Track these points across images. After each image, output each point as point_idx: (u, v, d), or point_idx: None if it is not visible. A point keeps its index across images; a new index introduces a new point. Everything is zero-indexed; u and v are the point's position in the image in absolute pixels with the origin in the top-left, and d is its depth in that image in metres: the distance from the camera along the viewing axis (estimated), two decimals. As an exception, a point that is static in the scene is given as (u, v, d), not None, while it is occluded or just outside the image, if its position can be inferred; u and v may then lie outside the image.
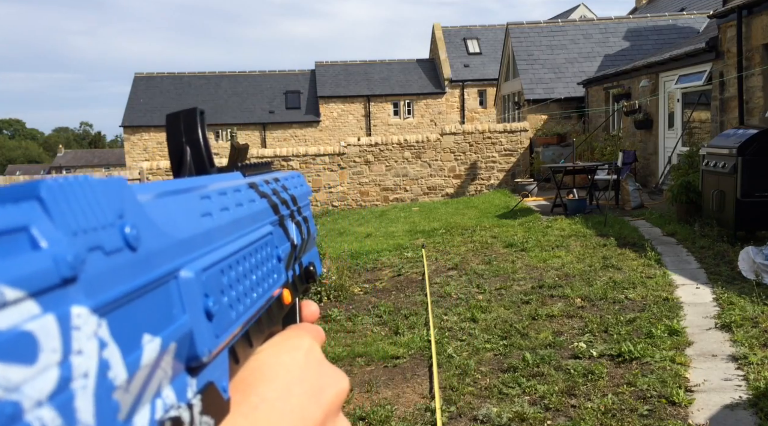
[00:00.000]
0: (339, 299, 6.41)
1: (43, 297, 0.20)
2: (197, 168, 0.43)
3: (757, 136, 7.08)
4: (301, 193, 0.55)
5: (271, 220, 0.45)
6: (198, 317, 0.29)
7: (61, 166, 57.60)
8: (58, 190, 0.23)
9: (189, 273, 0.29)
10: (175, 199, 0.32)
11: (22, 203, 0.21)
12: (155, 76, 32.91)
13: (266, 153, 14.73)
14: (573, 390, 3.96)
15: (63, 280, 0.21)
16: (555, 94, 17.63)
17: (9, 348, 0.18)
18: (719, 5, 10.96)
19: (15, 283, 0.19)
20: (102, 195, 0.25)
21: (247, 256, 0.37)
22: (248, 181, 0.44)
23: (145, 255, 0.26)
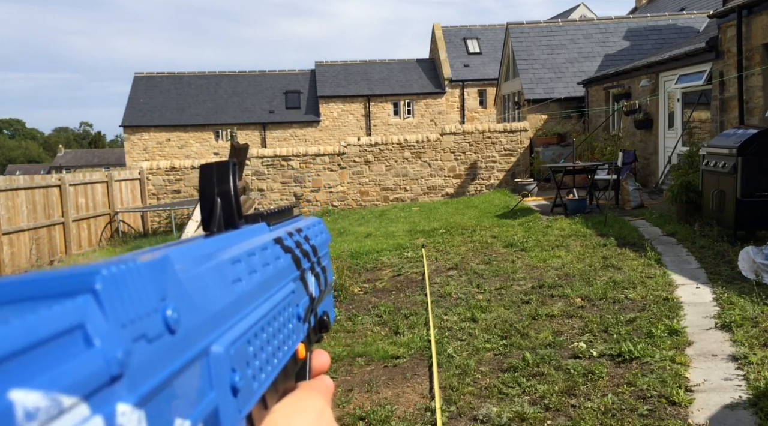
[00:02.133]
0: (339, 299, 6.42)
1: (93, 398, 0.20)
2: (227, 220, 0.43)
3: (757, 136, 7.08)
4: (321, 242, 0.54)
5: (293, 277, 0.44)
6: (224, 394, 0.29)
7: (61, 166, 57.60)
8: (111, 282, 0.22)
9: (219, 348, 0.29)
10: (208, 268, 0.31)
11: (77, 298, 0.21)
12: (155, 75, 32.90)
13: (266, 153, 14.73)
14: (573, 390, 3.96)
15: (111, 379, 0.21)
16: (555, 94, 17.63)
17: None
18: (719, 5, 10.96)
19: (71, 390, 0.19)
20: (148, 279, 0.24)
21: (271, 321, 0.37)
22: (274, 236, 0.44)
23: (183, 336, 0.26)
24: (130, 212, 14.13)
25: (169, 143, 30.43)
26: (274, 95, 32.24)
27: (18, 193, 10.63)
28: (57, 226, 11.71)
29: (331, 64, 33.24)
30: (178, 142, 30.46)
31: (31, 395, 0.17)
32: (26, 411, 0.17)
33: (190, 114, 30.83)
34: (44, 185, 11.41)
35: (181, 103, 31.46)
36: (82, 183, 12.63)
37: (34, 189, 11.09)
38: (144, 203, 14.48)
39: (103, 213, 13.36)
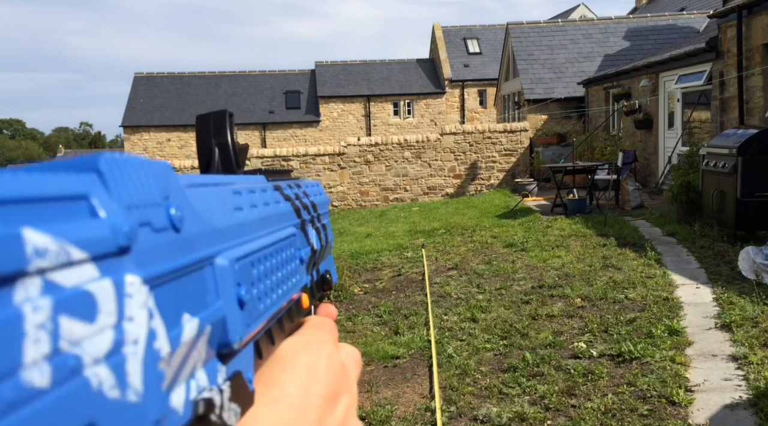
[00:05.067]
0: (339, 299, 6.41)
1: (102, 262, 0.21)
2: (225, 169, 0.44)
3: (757, 136, 7.08)
4: (320, 201, 0.56)
5: (294, 223, 0.46)
6: (231, 304, 0.30)
7: (61, 166, 57.58)
8: (115, 165, 0.24)
9: (224, 260, 0.30)
10: (210, 191, 0.33)
11: (82, 174, 0.22)
12: (155, 76, 32.90)
13: (266, 153, 14.73)
14: (573, 390, 3.96)
15: (119, 249, 0.22)
16: (555, 94, 17.63)
17: (74, 304, 0.19)
18: (719, 5, 10.96)
19: (79, 244, 0.20)
20: (151, 175, 0.26)
21: (274, 253, 0.38)
22: (273, 184, 0.45)
23: (186, 237, 0.27)
24: (130, 212, 14.10)
25: (169, 143, 30.44)
26: (274, 95, 32.25)
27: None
28: (57, 226, 11.71)
29: (331, 64, 33.25)
30: (178, 142, 30.46)
31: (40, 236, 0.18)
32: (36, 248, 0.18)
33: (190, 114, 30.82)
34: (44, 185, 11.41)
35: (181, 103, 31.46)
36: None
37: (34, 189, 11.09)
38: (144, 203, 14.47)
39: (103, 213, 13.35)
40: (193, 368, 0.27)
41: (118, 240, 0.22)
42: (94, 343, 0.20)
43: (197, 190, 0.31)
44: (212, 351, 0.29)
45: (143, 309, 0.23)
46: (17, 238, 0.18)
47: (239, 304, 0.31)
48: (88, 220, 0.21)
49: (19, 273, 0.18)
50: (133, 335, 0.22)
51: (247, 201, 0.37)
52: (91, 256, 0.20)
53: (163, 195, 0.26)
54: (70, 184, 0.21)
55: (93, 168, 0.23)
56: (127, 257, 0.22)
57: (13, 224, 0.18)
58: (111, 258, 0.21)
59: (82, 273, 0.20)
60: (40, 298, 0.18)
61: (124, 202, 0.23)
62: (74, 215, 0.21)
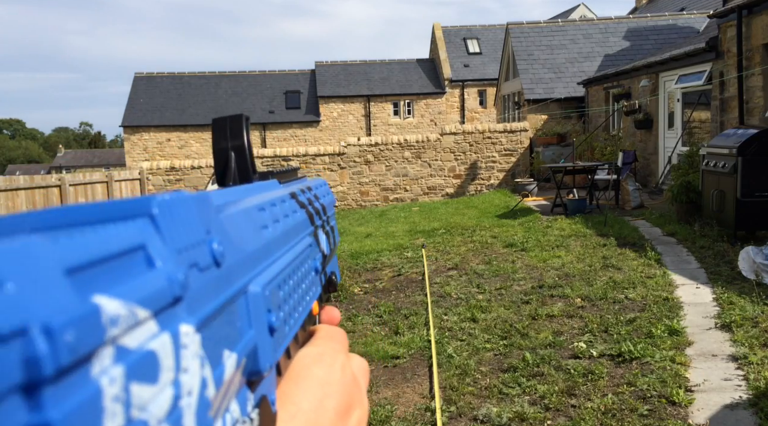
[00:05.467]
0: (339, 299, 6.41)
1: (161, 316, 0.20)
2: (241, 174, 0.43)
3: (757, 136, 7.08)
4: (328, 202, 0.55)
5: (309, 232, 0.45)
6: (262, 332, 0.30)
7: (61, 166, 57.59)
8: (166, 207, 0.23)
9: (257, 288, 0.30)
10: (239, 212, 0.32)
11: (137, 220, 0.22)
12: (155, 76, 32.89)
13: (266, 153, 14.73)
14: (573, 390, 3.96)
15: (174, 299, 0.21)
16: (555, 94, 17.63)
17: (140, 367, 0.19)
18: (719, 5, 10.96)
19: (143, 303, 0.19)
20: (195, 210, 0.25)
21: (295, 270, 0.38)
22: (289, 191, 0.44)
23: (226, 271, 0.26)
24: (130, 212, 14.09)
25: (169, 143, 30.43)
26: (274, 95, 32.24)
27: (18, 193, 10.63)
28: (57, 226, 11.69)
29: (331, 64, 33.24)
30: (178, 142, 30.45)
31: (112, 302, 0.18)
32: (110, 316, 0.18)
33: (190, 114, 30.82)
34: (44, 185, 11.41)
35: (181, 103, 31.45)
36: (82, 183, 12.64)
37: (34, 189, 11.09)
38: (144, 203, 14.45)
39: (103, 213, 13.33)
40: (229, 401, 0.26)
41: (174, 290, 0.21)
42: (158, 404, 0.19)
43: (229, 213, 0.30)
44: (244, 380, 0.28)
45: (196, 358, 0.22)
46: (95, 312, 0.17)
47: (270, 331, 0.31)
48: (146, 272, 0.21)
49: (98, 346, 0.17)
50: (188, 387, 0.21)
51: (270, 217, 0.36)
52: (153, 313, 0.20)
53: (206, 229, 0.25)
54: (129, 235, 0.21)
55: (146, 212, 0.22)
56: (180, 305, 0.22)
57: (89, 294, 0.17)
58: (168, 309, 0.21)
59: (145, 332, 0.19)
60: (114, 367, 0.18)
61: (176, 246, 0.23)
62: (134, 269, 0.20)
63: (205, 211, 0.26)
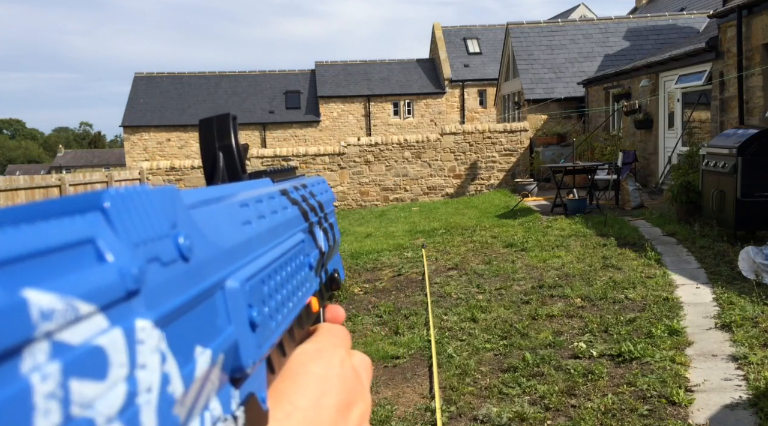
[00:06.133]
0: (339, 299, 6.41)
1: (111, 311, 0.20)
2: (230, 174, 0.43)
3: (757, 136, 7.08)
4: (327, 199, 0.54)
5: (302, 228, 0.45)
6: (243, 328, 0.29)
7: (61, 166, 57.58)
8: (120, 201, 0.22)
9: (234, 283, 0.29)
10: (217, 208, 0.32)
11: (86, 214, 0.21)
12: (155, 76, 32.89)
13: (266, 153, 14.73)
14: (573, 390, 3.96)
15: (128, 293, 0.21)
16: (555, 94, 17.63)
17: (83, 363, 0.18)
18: (719, 5, 10.96)
19: (86, 297, 0.19)
20: (158, 204, 0.25)
21: (284, 265, 0.37)
22: (280, 188, 0.44)
23: (196, 266, 0.26)
24: (130, 212, 14.09)
25: (169, 143, 30.43)
26: (274, 95, 32.24)
27: (18, 193, 10.63)
28: (57, 226, 11.69)
29: (331, 64, 33.24)
30: (178, 142, 30.45)
31: (45, 296, 0.17)
32: (41, 311, 0.17)
33: (190, 114, 30.82)
34: (44, 185, 11.41)
35: (181, 103, 31.44)
36: (82, 183, 12.64)
37: (34, 189, 11.09)
38: (144, 203, 14.46)
39: (103, 213, 13.34)
40: (207, 399, 0.26)
41: (127, 284, 0.21)
42: (107, 401, 0.19)
43: (203, 209, 0.30)
44: (225, 377, 0.28)
45: (156, 353, 0.21)
46: (22, 305, 0.16)
47: (251, 327, 0.30)
48: (94, 266, 0.20)
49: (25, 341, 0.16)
50: (146, 383, 0.21)
51: (254, 213, 0.36)
52: (100, 307, 0.19)
53: (170, 223, 0.25)
54: (74, 229, 0.20)
55: (97, 206, 0.22)
56: (137, 300, 0.21)
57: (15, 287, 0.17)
58: (120, 304, 0.20)
59: (90, 327, 0.19)
60: (48, 363, 0.17)
61: (131, 240, 0.22)
62: (80, 263, 0.20)
63: (170, 206, 0.26)
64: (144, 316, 0.21)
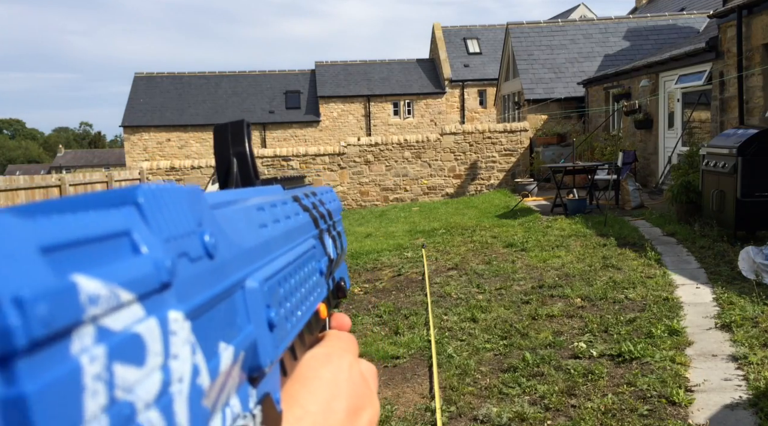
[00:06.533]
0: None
1: (147, 301, 0.20)
2: (244, 179, 0.43)
3: (757, 136, 7.08)
4: (335, 208, 0.55)
5: (313, 234, 0.45)
6: (261, 327, 0.30)
7: (61, 166, 57.58)
8: (152, 197, 0.23)
9: (254, 283, 0.30)
10: (236, 209, 0.33)
11: (122, 208, 0.22)
12: (155, 76, 32.89)
13: (266, 153, 14.73)
14: (573, 390, 3.96)
15: (162, 285, 0.21)
16: (555, 94, 17.63)
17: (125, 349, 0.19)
18: (719, 5, 10.96)
19: (127, 286, 0.19)
20: (185, 202, 0.25)
21: (297, 269, 0.38)
22: (292, 195, 0.44)
23: (220, 263, 0.27)
24: (130, 212, 14.10)
25: (169, 143, 30.43)
26: (274, 95, 32.24)
27: (18, 193, 10.63)
28: (57, 226, 11.69)
29: (331, 64, 33.24)
30: (178, 142, 30.45)
31: (92, 282, 0.18)
32: (89, 295, 0.18)
33: (190, 114, 30.83)
34: (44, 185, 11.41)
35: (181, 103, 31.45)
36: (82, 183, 12.64)
37: (34, 189, 11.09)
38: (144, 203, 14.46)
39: (103, 213, 13.34)
40: (228, 395, 0.26)
41: (161, 276, 0.21)
42: (145, 387, 0.19)
43: (224, 210, 0.31)
44: (244, 375, 0.28)
45: (187, 345, 0.22)
46: (72, 289, 0.17)
47: (269, 327, 0.31)
48: (131, 257, 0.21)
49: (76, 323, 0.17)
50: (179, 373, 0.21)
51: (270, 216, 0.37)
52: (138, 297, 0.20)
53: (197, 221, 0.26)
54: (112, 221, 0.21)
55: (131, 201, 0.22)
56: (169, 292, 0.22)
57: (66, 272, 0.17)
58: (155, 295, 0.21)
59: (130, 315, 0.19)
60: (95, 346, 0.18)
61: (163, 235, 0.23)
62: (118, 254, 0.20)
63: (197, 204, 0.26)
64: (176, 307, 0.22)
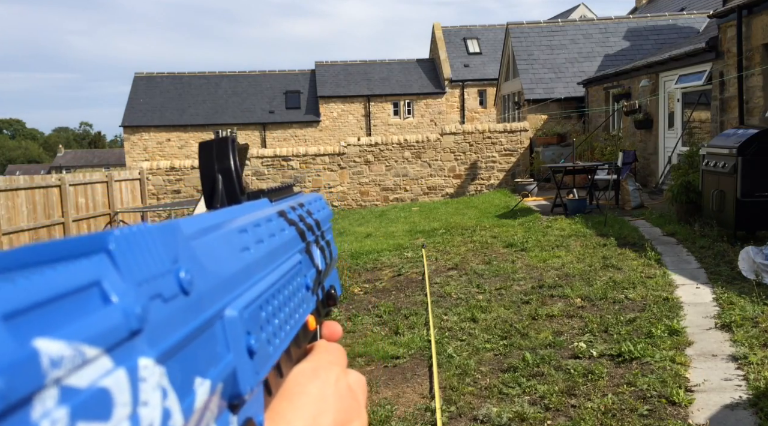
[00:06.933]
0: (339, 300, 6.41)
1: (115, 351, 0.20)
2: (229, 196, 0.43)
3: (757, 136, 7.08)
4: (324, 216, 0.55)
5: (299, 248, 0.45)
6: (241, 355, 0.30)
7: (61, 166, 57.58)
8: (124, 242, 0.23)
9: (233, 312, 0.30)
10: (217, 236, 0.32)
11: (92, 257, 0.22)
12: (155, 76, 32.88)
13: (266, 153, 14.73)
14: (573, 390, 3.96)
15: (131, 333, 0.21)
16: (555, 94, 17.62)
17: (88, 406, 0.18)
18: (719, 5, 10.96)
19: (93, 341, 0.19)
20: (159, 241, 0.25)
21: (281, 289, 0.38)
22: (277, 209, 0.44)
23: (196, 298, 0.26)
24: (130, 212, 14.12)
25: (169, 143, 30.43)
26: (274, 95, 32.23)
27: (18, 193, 10.63)
28: (57, 226, 11.71)
29: (331, 64, 33.23)
30: (178, 142, 30.45)
31: (54, 344, 0.18)
32: (51, 359, 0.17)
33: (190, 114, 30.82)
34: (44, 185, 11.42)
35: (181, 103, 31.44)
36: (82, 183, 12.64)
37: (34, 189, 11.09)
38: (144, 203, 14.49)
39: (103, 213, 13.36)
40: None
41: (131, 324, 0.21)
42: None
43: (203, 239, 0.30)
44: (224, 404, 0.28)
45: (157, 390, 0.22)
46: (33, 355, 0.17)
47: (249, 354, 0.30)
48: (100, 308, 0.21)
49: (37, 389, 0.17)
50: (148, 420, 0.21)
51: (253, 238, 0.36)
52: (105, 349, 0.20)
53: (171, 259, 0.25)
54: (81, 273, 0.21)
55: (103, 248, 0.22)
56: (139, 338, 0.22)
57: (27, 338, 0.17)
58: (124, 344, 0.21)
59: (96, 369, 0.19)
60: (57, 409, 0.17)
61: (135, 279, 0.23)
62: (87, 306, 0.20)
63: (172, 241, 0.26)
64: (146, 354, 0.22)
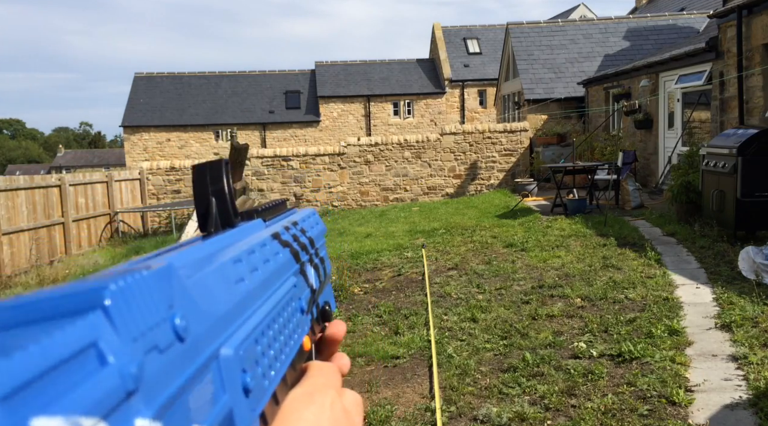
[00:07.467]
0: (339, 299, 6.41)
1: (112, 416, 0.19)
2: (222, 219, 0.43)
3: (757, 136, 7.08)
4: (317, 233, 0.54)
5: (294, 271, 0.45)
6: (237, 395, 0.29)
7: (61, 166, 57.57)
8: (120, 296, 0.22)
9: (229, 350, 0.29)
10: (211, 270, 0.31)
11: (88, 315, 0.21)
12: (155, 76, 32.88)
13: (266, 153, 14.73)
14: (573, 390, 3.96)
15: (127, 394, 0.21)
16: (555, 94, 17.62)
17: None
18: (719, 5, 10.96)
19: (90, 412, 0.19)
20: (155, 289, 0.25)
21: (276, 317, 0.37)
22: (271, 232, 0.44)
23: (192, 343, 0.26)
24: (130, 212, 14.13)
25: (169, 143, 30.43)
26: (274, 95, 32.23)
27: (18, 193, 10.63)
28: (57, 226, 11.71)
29: (331, 64, 33.23)
30: (178, 142, 30.45)
31: (52, 422, 0.17)
32: None
33: (190, 114, 30.82)
34: (44, 185, 11.41)
35: (181, 103, 31.44)
36: (82, 183, 12.63)
37: (34, 189, 11.09)
38: (144, 203, 14.48)
39: (103, 213, 13.36)
40: None
41: (127, 385, 0.21)
42: None
43: (198, 276, 0.29)
44: None
45: None
46: None
47: (245, 392, 0.30)
48: (96, 372, 0.20)
49: None
50: None
51: (247, 267, 0.35)
52: (102, 416, 0.19)
53: (167, 305, 0.25)
54: (78, 335, 0.20)
55: (98, 304, 0.21)
56: (136, 397, 0.21)
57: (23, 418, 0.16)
58: (120, 406, 0.20)
59: None
60: None
61: (131, 334, 0.22)
62: (83, 369, 0.19)
63: (167, 286, 0.25)
64: (143, 414, 0.21)
